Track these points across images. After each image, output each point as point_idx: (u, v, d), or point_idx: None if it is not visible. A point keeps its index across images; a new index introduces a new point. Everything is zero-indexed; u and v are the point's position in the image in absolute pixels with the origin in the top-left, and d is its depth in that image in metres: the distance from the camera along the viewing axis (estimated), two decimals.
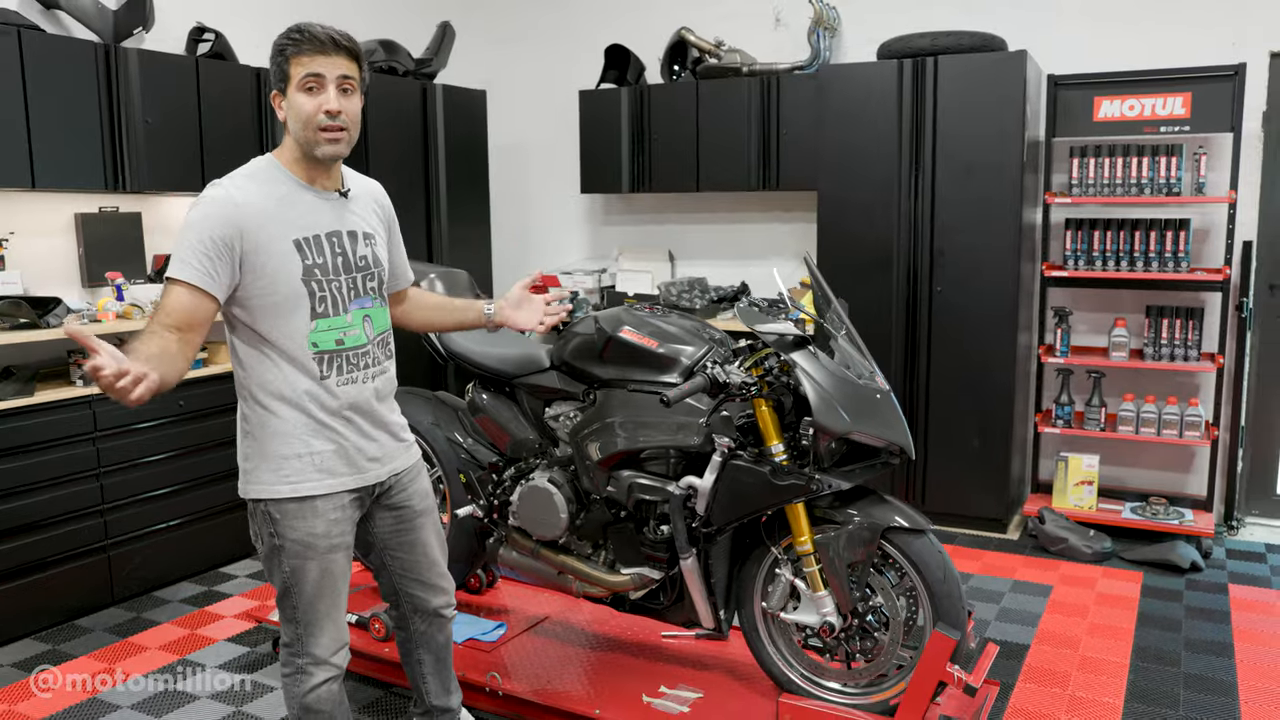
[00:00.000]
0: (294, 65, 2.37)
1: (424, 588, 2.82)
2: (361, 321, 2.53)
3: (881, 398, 2.89)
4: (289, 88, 2.38)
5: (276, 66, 2.40)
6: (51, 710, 3.53)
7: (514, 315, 2.91)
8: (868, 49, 5.64)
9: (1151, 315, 5.12)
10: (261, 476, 2.46)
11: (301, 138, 2.40)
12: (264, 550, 2.53)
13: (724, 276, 6.36)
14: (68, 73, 4.29)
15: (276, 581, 2.54)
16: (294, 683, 2.58)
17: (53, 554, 4.12)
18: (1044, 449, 5.60)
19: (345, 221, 2.52)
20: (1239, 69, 4.85)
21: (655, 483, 3.12)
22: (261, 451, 2.46)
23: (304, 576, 2.49)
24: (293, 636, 2.56)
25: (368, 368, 2.55)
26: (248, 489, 2.50)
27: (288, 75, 2.38)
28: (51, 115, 4.24)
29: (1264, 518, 5.38)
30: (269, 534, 2.49)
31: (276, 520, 2.47)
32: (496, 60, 7.01)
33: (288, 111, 2.40)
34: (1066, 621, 4.21)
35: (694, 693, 3.24)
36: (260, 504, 2.48)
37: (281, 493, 2.45)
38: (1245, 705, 3.52)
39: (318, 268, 2.42)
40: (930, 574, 2.87)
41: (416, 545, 2.77)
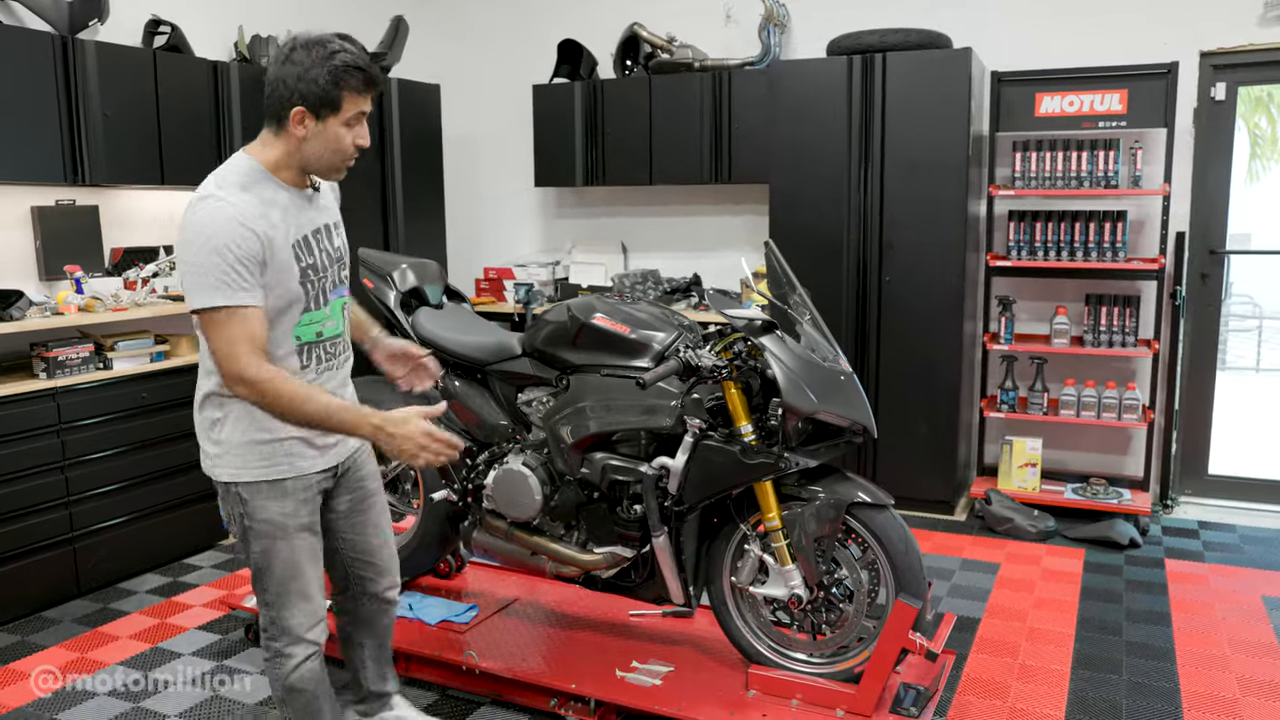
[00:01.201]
0: (348, 100, 2.33)
1: (374, 570, 2.86)
2: (340, 311, 2.59)
3: (846, 379, 3.02)
4: (331, 118, 2.33)
5: (325, 92, 2.30)
6: (31, 698, 3.55)
7: (386, 363, 2.98)
8: (817, 45, 5.77)
9: (1091, 303, 5.32)
10: (231, 460, 2.47)
11: (324, 165, 2.41)
12: (236, 531, 2.56)
13: (677, 268, 6.47)
14: (24, 65, 4.27)
15: (250, 563, 2.57)
16: (275, 666, 2.62)
17: (17, 546, 4.11)
18: (989, 433, 5.79)
19: (321, 216, 2.55)
20: (1172, 67, 5.06)
21: (628, 464, 3.22)
22: (235, 437, 2.46)
23: (274, 557, 2.52)
24: (269, 620, 2.60)
25: (339, 354, 2.61)
26: (217, 471, 2.50)
27: (337, 105, 2.32)
28: (8, 108, 4.22)
29: (1197, 496, 5.60)
30: (239, 516, 2.51)
31: (246, 502, 2.48)
32: (450, 54, 7.05)
33: (317, 136, 2.35)
34: (1014, 596, 4.37)
35: (665, 666, 3.35)
36: (232, 487, 2.49)
37: (254, 476, 2.47)
38: (1183, 668, 3.70)
39: (311, 268, 2.45)
40: (892, 546, 3.00)
41: (369, 525, 2.82)
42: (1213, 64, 5.25)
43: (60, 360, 4.26)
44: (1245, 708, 3.41)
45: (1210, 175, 5.37)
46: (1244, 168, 5.99)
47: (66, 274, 4.58)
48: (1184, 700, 3.47)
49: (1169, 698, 3.49)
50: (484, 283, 6.66)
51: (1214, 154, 5.35)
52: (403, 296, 3.75)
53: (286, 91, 2.31)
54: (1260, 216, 6.03)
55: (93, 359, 4.39)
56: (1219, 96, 5.28)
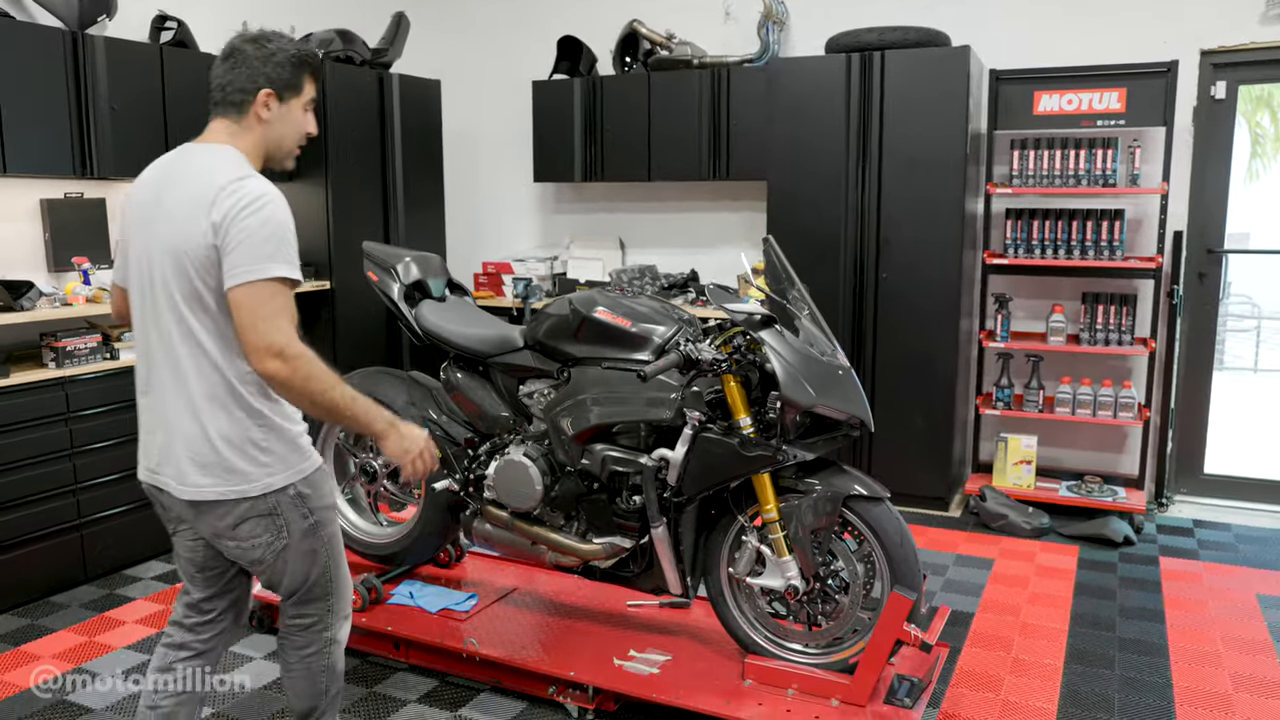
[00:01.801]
0: (308, 85, 2.44)
1: None
2: None
3: (843, 374, 3.06)
4: (294, 100, 2.42)
5: (292, 75, 2.40)
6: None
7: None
8: (816, 43, 5.81)
9: (1087, 301, 5.35)
10: (289, 460, 2.40)
11: (284, 148, 2.45)
12: (287, 542, 2.42)
13: (674, 264, 6.50)
14: (36, 60, 4.32)
15: (304, 568, 2.47)
16: (325, 655, 2.59)
17: (26, 532, 4.16)
18: (985, 430, 5.83)
19: None
20: (1171, 66, 5.09)
21: (628, 455, 3.25)
22: (281, 437, 2.38)
23: (337, 538, 2.54)
24: (323, 611, 2.56)
25: None
26: (272, 481, 2.37)
27: (300, 89, 2.42)
28: (20, 102, 4.27)
29: (1192, 495, 5.64)
30: (300, 516, 2.42)
31: (308, 496, 2.43)
32: (451, 50, 7.08)
33: (281, 118, 2.41)
34: (1008, 591, 4.41)
35: (662, 655, 3.39)
36: (286, 490, 2.39)
37: (306, 469, 2.43)
38: (1175, 664, 3.74)
39: None
40: (888, 539, 3.04)
41: None
42: (1213, 63, 5.28)
43: (68, 350, 4.31)
44: (1237, 703, 3.45)
45: (1209, 174, 5.40)
46: (1244, 166, 6.04)
47: (74, 265, 4.63)
48: (1176, 695, 3.51)
49: (1161, 692, 3.53)
50: (483, 277, 6.69)
51: (1213, 153, 5.39)
52: (406, 289, 3.79)
53: (249, 77, 2.37)
54: (1260, 216, 6.08)
55: (100, 349, 4.44)
56: (1219, 95, 5.31)
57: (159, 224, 2.30)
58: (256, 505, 2.37)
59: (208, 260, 2.23)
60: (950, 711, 3.38)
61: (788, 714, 3.05)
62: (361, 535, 4.02)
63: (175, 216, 2.27)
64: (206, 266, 2.24)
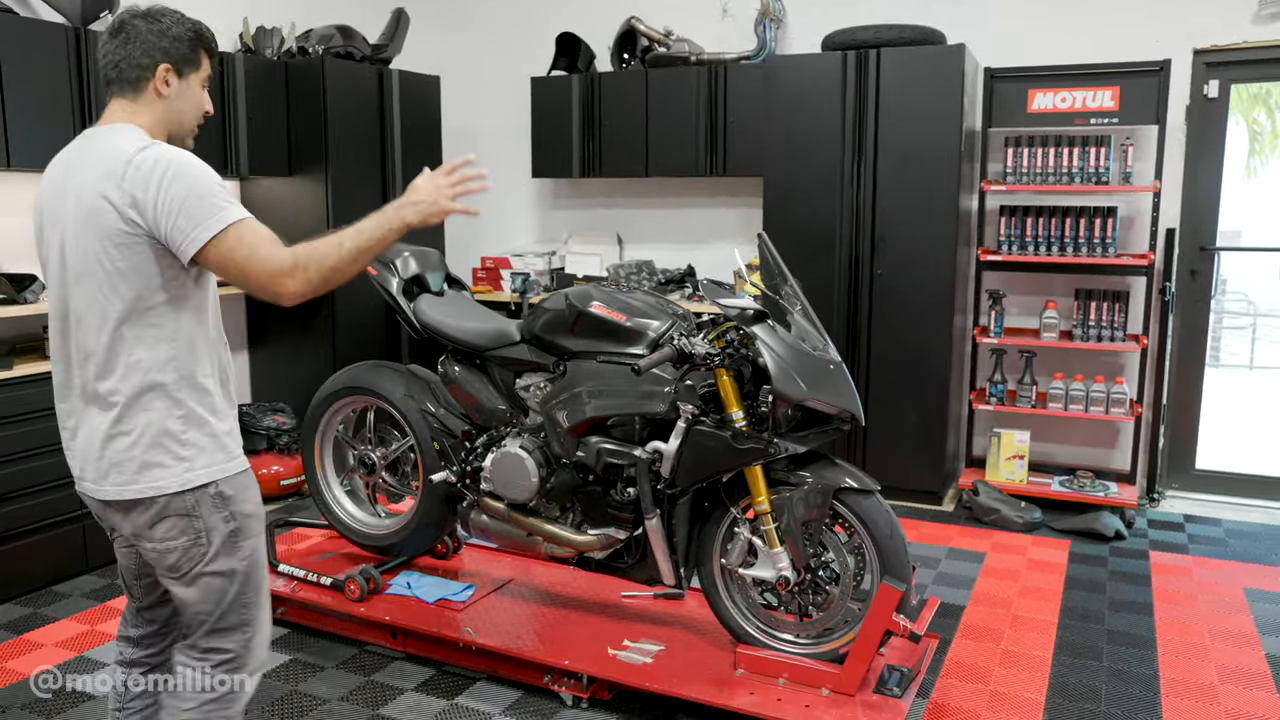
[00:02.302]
0: (205, 60, 2.35)
1: None
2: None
3: (835, 368, 3.11)
4: (193, 75, 2.33)
5: (189, 50, 2.31)
6: (43, 665, 3.65)
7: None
8: (812, 40, 5.86)
9: (1080, 298, 5.41)
10: (210, 457, 2.28)
11: (183, 125, 2.35)
12: (210, 549, 2.28)
13: (671, 259, 6.55)
14: (41, 55, 4.37)
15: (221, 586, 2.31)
16: (224, 704, 2.36)
17: (30, 522, 4.22)
18: (978, 425, 5.88)
19: None
20: (1164, 65, 5.14)
21: (622, 447, 3.31)
22: (204, 432, 2.27)
23: (260, 554, 2.37)
24: (240, 645, 2.36)
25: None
26: (191, 477, 2.25)
27: (198, 64, 2.34)
28: (25, 97, 4.32)
29: (1184, 490, 5.70)
30: (222, 519, 2.29)
31: (230, 498, 2.30)
32: (450, 46, 7.12)
33: (181, 95, 2.32)
34: (999, 584, 4.46)
35: (656, 645, 3.44)
36: (207, 488, 2.26)
37: (231, 468, 2.31)
38: (1163, 656, 3.80)
39: None
40: (878, 531, 3.09)
41: None
42: (1206, 61, 5.33)
43: None
44: (1223, 694, 3.51)
45: (1202, 172, 5.45)
46: (1242, 163, 6.08)
47: None
48: (1162, 686, 3.57)
49: (1148, 684, 3.58)
50: (481, 272, 6.75)
51: (1206, 151, 5.44)
52: (404, 284, 3.84)
53: (145, 53, 2.27)
54: (1257, 213, 6.12)
55: None
56: (1212, 94, 5.36)
57: (67, 212, 2.21)
58: (174, 503, 2.24)
59: (123, 239, 2.14)
60: (940, 701, 3.43)
61: (778, 703, 3.10)
62: (360, 526, 4.07)
63: (84, 201, 2.18)
64: (121, 247, 2.14)
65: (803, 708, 3.07)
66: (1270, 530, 5.18)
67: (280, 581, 3.93)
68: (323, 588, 3.86)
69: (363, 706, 3.38)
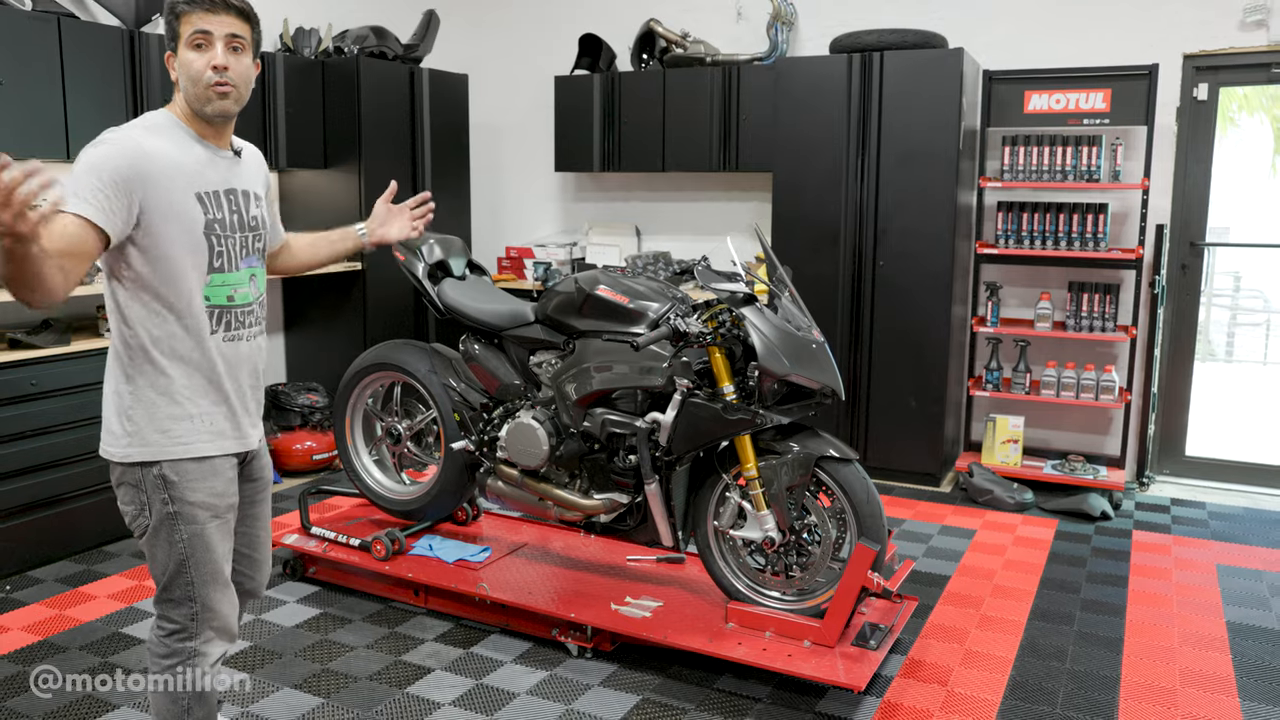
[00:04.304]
0: (183, 24, 2.35)
1: (253, 565, 2.76)
2: (249, 280, 2.53)
3: (817, 347, 3.41)
4: (179, 45, 2.37)
5: (169, 26, 2.38)
6: (98, 615, 4.02)
7: (385, 231, 3.05)
8: (821, 43, 6.13)
9: (1073, 290, 5.65)
10: (150, 438, 2.38)
11: (191, 95, 2.38)
12: (150, 523, 2.41)
13: (686, 250, 6.84)
14: (99, 56, 4.75)
15: (165, 558, 2.43)
16: (184, 669, 2.47)
17: (84, 486, 4.56)
18: (975, 411, 6.14)
19: (239, 180, 2.52)
20: (1152, 69, 5.38)
21: (624, 418, 3.62)
22: (150, 413, 2.38)
23: (203, 541, 2.43)
24: (186, 618, 2.46)
25: (251, 326, 2.55)
26: (131, 452, 2.39)
27: (178, 34, 2.36)
28: (85, 95, 4.69)
29: (1174, 476, 5.93)
30: (161, 501, 2.39)
31: (174, 484, 2.39)
32: (478, 47, 7.45)
33: (179, 71, 2.38)
34: (986, 558, 4.73)
35: (655, 602, 3.75)
36: (151, 468, 2.38)
37: (178, 453, 2.39)
38: (1130, 622, 4.05)
39: (217, 223, 2.42)
40: (856, 496, 3.39)
41: (260, 517, 2.74)
42: (1195, 65, 5.56)
43: None
44: (1180, 655, 3.76)
45: (1192, 171, 5.68)
46: (1267, 161, 6.25)
47: None
48: (1125, 647, 3.82)
49: (1113, 646, 3.83)
50: (505, 261, 7.07)
51: (1196, 151, 5.67)
52: (430, 269, 4.17)
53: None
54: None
55: None
56: (1201, 96, 5.60)
57: None
58: (127, 472, 2.41)
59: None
60: (916, 658, 3.71)
61: (764, 652, 3.40)
62: (386, 493, 4.41)
63: None
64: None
65: (785, 657, 3.37)
66: (1252, 514, 5.40)
67: (312, 543, 4.28)
68: (352, 548, 4.19)
69: (387, 654, 3.71)
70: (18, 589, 4.27)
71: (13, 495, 4.33)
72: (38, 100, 4.56)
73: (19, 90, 4.49)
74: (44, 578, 4.39)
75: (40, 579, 4.38)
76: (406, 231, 3.04)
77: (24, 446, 4.36)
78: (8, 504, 4.32)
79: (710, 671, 3.55)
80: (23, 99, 4.50)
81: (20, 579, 4.37)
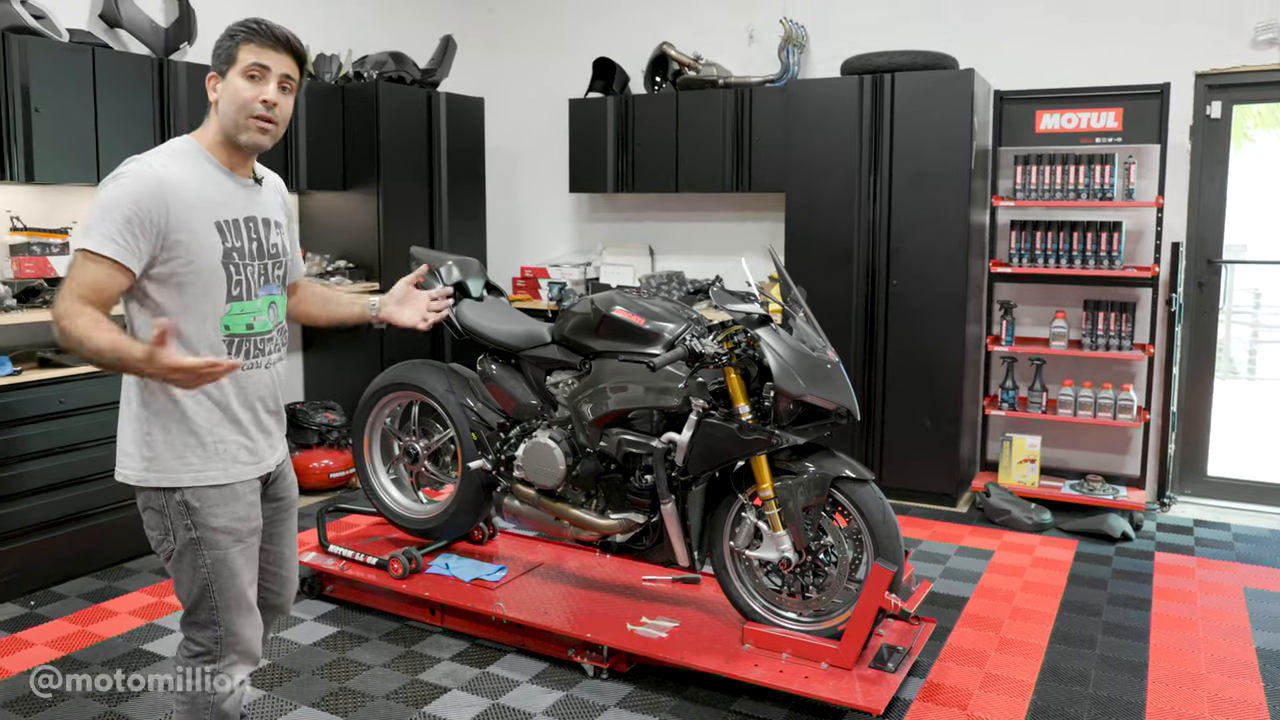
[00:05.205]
0: (242, 51, 2.37)
1: (279, 581, 2.75)
2: (267, 308, 2.53)
3: (832, 368, 3.42)
4: (230, 71, 2.38)
5: (224, 50, 2.39)
6: (120, 630, 4.05)
7: (398, 311, 2.93)
8: (832, 65, 6.16)
9: (1088, 308, 5.64)
10: (169, 464, 2.39)
11: (230, 121, 2.38)
12: (174, 547, 2.43)
13: (700, 270, 6.86)
14: (129, 84, 4.85)
15: (189, 582, 2.44)
16: (208, 692, 2.49)
17: (106, 504, 4.59)
18: (992, 431, 6.12)
19: (259, 208, 2.52)
20: (1164, 88, 5.39)
21: (641, 438, 3.64)
22: (167, 439, 2.39)
23: (227, 566, 2.44)
24: (210, 640, 2.48)
25: (271, 353, 2.55)
26: (149, 476, 2.40)
27: (233, 59, 2.37)
28: (115, 121, 4.78)
29: (1195, 497, 5.87)
30: (184, 526, 2.41)
31: (196, 509, 2.40)
32: (494, 71, 7.51)
33: (222, 94, 2.39)
34: (1004, 579, 4.69)
35: (671, 622, 3.75)
36: (173, 494, 2.40)
37: (200, 480, 2.41)
38: (1155, 647, 3.99)
39: (236, 251, 2.42)
40: (872, 516, 3.39)
41: (285, 536, 2.74)
42: (1208, 84, 5.57)
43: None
44: (1208, 682, 3.69)
45: (1207, 189, 5.68)
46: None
47: None
48: (1150, 673, 3.77)
49: (1137, 671, 3.78)
50: (520, 281, 7.11)
51: (1211, 168, 5.67)
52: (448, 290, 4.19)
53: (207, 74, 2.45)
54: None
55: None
56: (1214, 114, 5.60)
57: None
58: (151, 498, 2.42)
59: None
60: (935, 681, 3.69)
61: (780, 674, 3.39)
62: (404, 511, 4.42)
63: None
64: None
65: (802, 679, 3.36)
66: (1279, 535, 5.33)
67: (330, 561, 4.29)
68: (369, 566, 4.20)
69: (403, 673, 3.71)
70: (41, 604, 4.30)
71: (39, 511, 4.38)
72: (72, 127, 4.65)
73: (55, 117, 4.58)
74: (67, 593, 4.43)
75: (63, 594, 4.41)
76: (418, 320, 2.95)
77: (52, 463, 4.41)
78: (34, 520, 4.37)
79: (727, 693, 3.54)
80: (58, 126, 4.59)
81: (44, 594, 4.40)
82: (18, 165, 4.47)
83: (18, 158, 4.46)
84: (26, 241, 4.64)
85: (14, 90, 4.42)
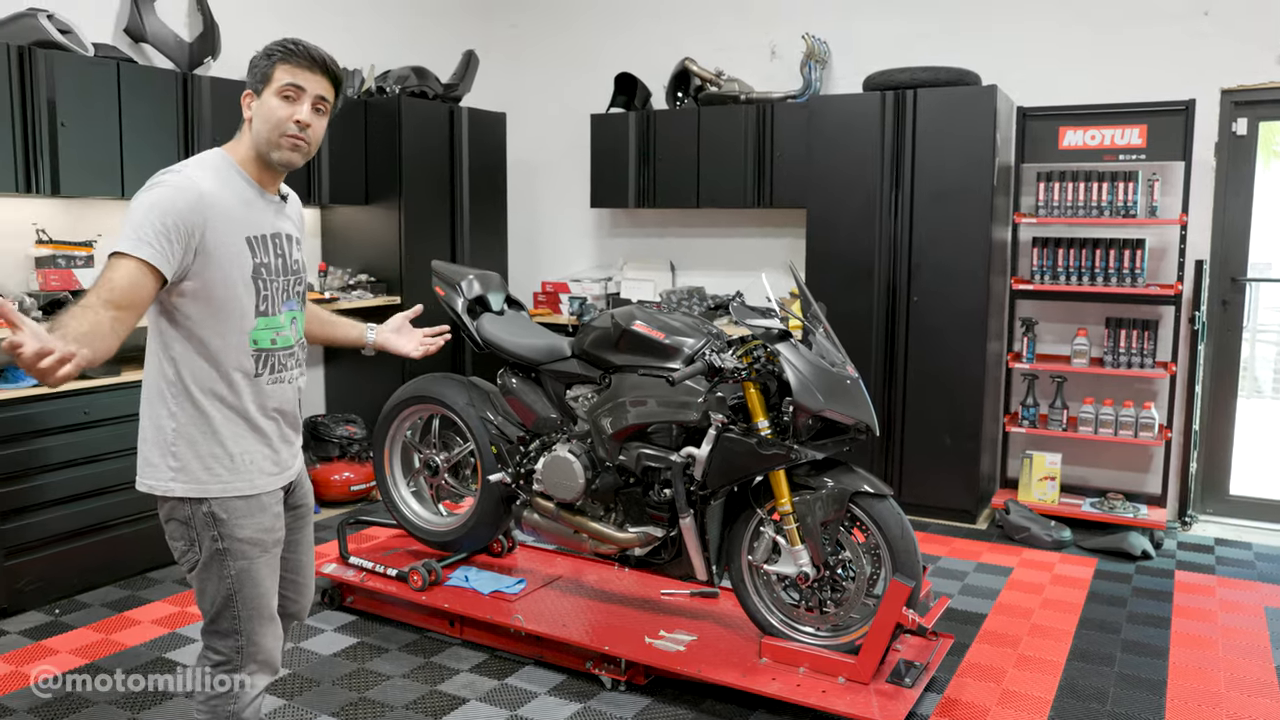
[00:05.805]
0: (278, 71, 2.39)
1: (296, 588, 2.77)
2: (290, 323, 2.55)
3: (851, 383, 3.43)
4: (265, 90, 2.40)
5: (260, 69, 2.41)
6: (142, 639, 4.08)
7: (394, 339, 3.01)
8: (854, 81, 6.17)
9: (1110, 326, 5.62)
10: (197, 475, 2.41)
11: (263, 139, 2.41)
12: (200, 558, 2.44)
13: (721, 286, 6.87)
14: (154, 98, 4.91)
15: (214, 592, 2.46)
16: (230, 701, 2.50)
17: (130, 514, 4.63)
18: (1013, 448, 6.10)
19: (284, 225, 2.55)
20: (1189, 104, 5.38)
21: (660, 452, 3.65)
22: (194, 450, 2.40)
23: (253, 576, 2.46)
24: (231, 650, 2.49)
25: (293, 368, 2.57)
26: (175, 487, 2.41)
27: (269, 78, 2.39)
28: (140, 135, 4.85)
29: (1217, 516, 5.83)
30: (211, 537, 2.42)
31: (223, 521, 2.42)
32: (516, 86, 7.57)
33: (256, 112, 2.41)
34: (1023, 596, 4.68)
35: (689, 636, 3.76)
36: (200, 504, 2.41)
37: (228, 491, 2.43)
38: (1174, 664, 3.98)
39: (264, 266, 2.45)
40: (890, 532, 3.39)
41: (303, 543, 2.76)
42: (1234, 100, 5.55)
43: None
44: (1229, 703, 3.67)
45: (1231, 206, 5.65)
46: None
47: None
48: (1169, 691, 3.75)
49: (1156, 689, 3.77)
50: (541, 295, 7.14)
51: (1236, 186, 5.64)
52: (469, 303, 4.23)
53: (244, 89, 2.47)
54: None
55: None
56: (1240, 131, 5.58)
57: None
58: (176, 508, 2.43)
59: None
60: (952, 696, 3.68)
61: (798, 688, 3.40)
62: (424, 524, 4.45)
63: None
64: None
65: (820, 693, 3.37)
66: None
67: (350, 572, 4.32)
68: (389, 578, 4.23)
69: (422, 684, 3.73)
70: (66, 613, 4.34)
71: (63, 521, 4.43)
72: (97, 140, 4.70)
73: (80, 131, 4.64)
74: (90, 602, 4.47)
75: (87, 603, 4.45)
76: (411, 349, 3.01)
77: (76, 474, 4.45)
78: (58, 530, 4.41)
79: (744, 706, 3.54)
80: (84, 139, 4.65)
81: (68, 603, 4.44)
82: (44, 178, 4.53)
83: (44, 171, 4.53)
84: (52, 254, 4.70)
85: (40, 104, 4.48)
